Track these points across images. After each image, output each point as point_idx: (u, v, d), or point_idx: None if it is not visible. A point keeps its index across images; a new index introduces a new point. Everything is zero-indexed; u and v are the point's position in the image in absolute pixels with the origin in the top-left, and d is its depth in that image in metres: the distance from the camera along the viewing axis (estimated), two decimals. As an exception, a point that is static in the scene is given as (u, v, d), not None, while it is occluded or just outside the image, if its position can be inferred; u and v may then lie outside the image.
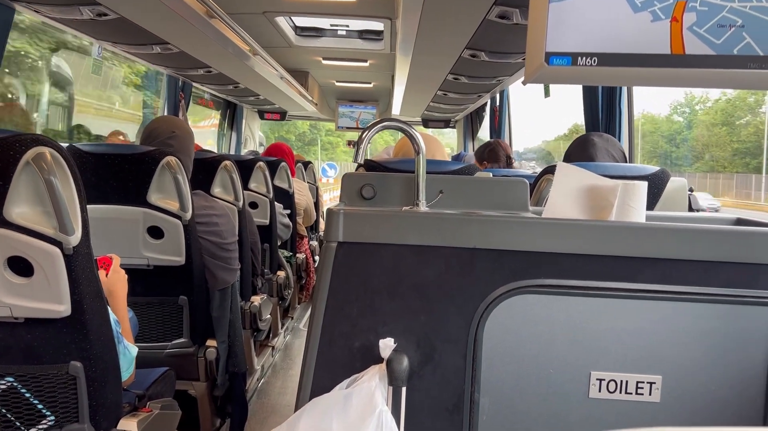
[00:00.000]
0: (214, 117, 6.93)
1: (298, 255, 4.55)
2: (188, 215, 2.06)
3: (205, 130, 7.28)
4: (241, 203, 2.65)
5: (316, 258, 5.18)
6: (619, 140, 2.54)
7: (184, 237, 2.07)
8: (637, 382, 1.10)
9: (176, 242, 2.07)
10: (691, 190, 1.84)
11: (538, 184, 1.92)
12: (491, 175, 1.98)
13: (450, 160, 2.91)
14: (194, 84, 4.99)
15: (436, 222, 1.13)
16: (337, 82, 7.02)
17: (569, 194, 1.23)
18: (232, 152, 6.72)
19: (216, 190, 2.58)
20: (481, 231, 1.11)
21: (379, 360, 1.09)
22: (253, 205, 3.40)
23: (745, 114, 32.61)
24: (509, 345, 1.11)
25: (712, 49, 1.01)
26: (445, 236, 1.12)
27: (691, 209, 1.82)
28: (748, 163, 31.03)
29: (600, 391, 1.10)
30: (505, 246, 1.11)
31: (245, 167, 3.33)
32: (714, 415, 1.11)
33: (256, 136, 7.75)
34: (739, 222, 1.41)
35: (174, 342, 2.18)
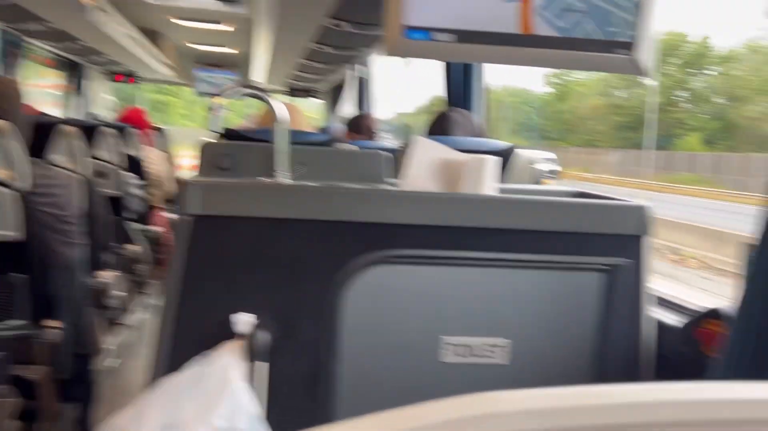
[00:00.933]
0: (55, 78, 6.31)
1: (152, 228, 4.31)
2: (23, 185, 1.87)
3: (43, 91, 6.61)
4: (85, 172, 2.45)
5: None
6: (475, 115, 2.65)
7: (19, 210, 1.87)
8: (487, 346, 1.17)
9: (9, 215, 1.87)
10: (536, 163, 1.98)
11: (400, 157, 1.96)
12: (356, 148, 1.99)
13: (316, 131, 2.88)
14: (31, 40, 4.49)
15: (296, 194, 1.11)
16: (194, 44, 6.66)
17: (426, 167, 1.26)
18: (77, 116, 6.18)
19: (56, 157, 2.36)
20: (340, 203, 1.11)
21: (237, 336, 1.07)
22: (100, 175, 3.16)
23: (626, 84, 32.01)
24: (368, 316, 1.13)
25: (557, 32, 1.07)
26: (305, 208, 1.11)
27: (536, 182, 1.96)
28: (629, 138, 30.21)
29: (452, 356, 1.16)
30: (364, 218, 1.12)
31: (91, 133, 3.07)
32: (556, 375, 1.21)
33: (103, 100, 7.18)
34: (580, 195, 1.53)
35: (7, 323, 1.99)
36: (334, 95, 6.90)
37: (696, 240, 11.69)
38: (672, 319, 1.36)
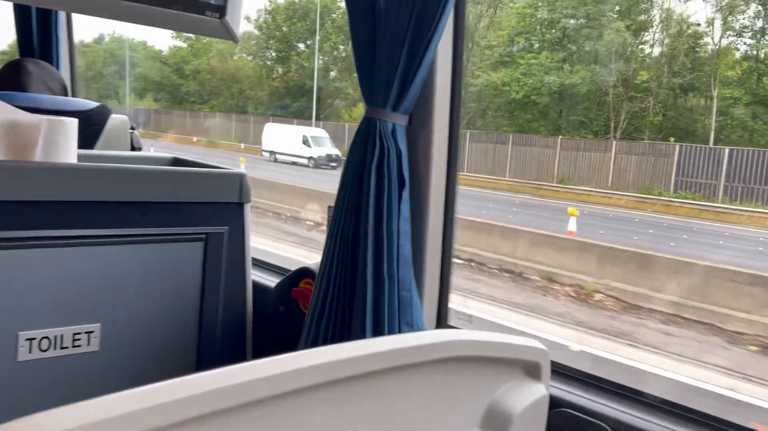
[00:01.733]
0: None
1: None
2: None
3: None
4: None
5: None
6: (59, 70, 2.32)
7: None
8: (74, 334, 1.03)
9: None
10: (133, 128, 1.83)
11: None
12: None
13: None
14: None
15: None
16: None
17: (-17, 129, 1.02)
18: None
19: None
20: None
21: None
22: None
23: (282, 47, 28.70)
24: None
25: (142, -15, 0.98)
26: None
27: (133, 148, 1.81)
28: (287, 105, 27.51)
29: (31, 352, 0.99)
30: None
31: None
32: (155, 354, 1.14)
33: None
34: (176, 162, 1.47)
35: None
36: None
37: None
38: (271, 281, 1.43)
